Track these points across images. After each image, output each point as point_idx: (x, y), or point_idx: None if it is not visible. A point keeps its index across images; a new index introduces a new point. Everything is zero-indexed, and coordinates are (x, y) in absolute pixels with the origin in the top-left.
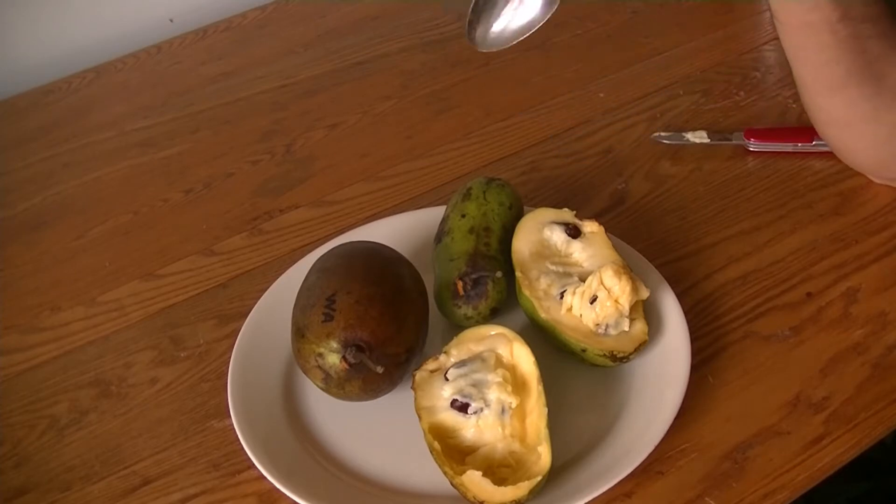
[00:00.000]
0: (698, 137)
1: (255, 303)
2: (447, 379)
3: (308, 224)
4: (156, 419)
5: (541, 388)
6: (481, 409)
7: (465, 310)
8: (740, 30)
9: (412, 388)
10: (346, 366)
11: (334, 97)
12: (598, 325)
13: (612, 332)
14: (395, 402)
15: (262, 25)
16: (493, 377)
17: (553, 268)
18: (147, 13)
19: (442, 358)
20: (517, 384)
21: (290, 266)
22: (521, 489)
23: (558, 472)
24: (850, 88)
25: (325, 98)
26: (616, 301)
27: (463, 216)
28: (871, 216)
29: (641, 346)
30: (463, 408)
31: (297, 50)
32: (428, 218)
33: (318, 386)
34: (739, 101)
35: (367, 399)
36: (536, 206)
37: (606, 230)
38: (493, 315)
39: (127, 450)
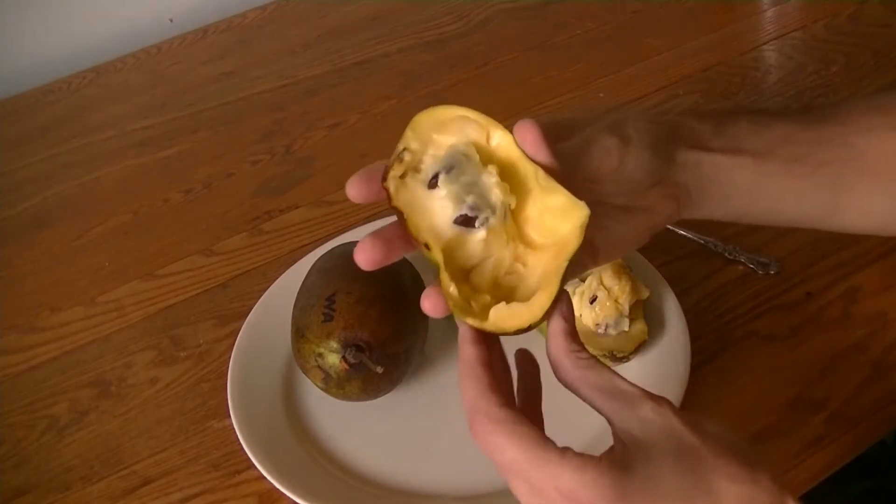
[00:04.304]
0: None
1: (255, 303)
2: (434, 187)
3: (308, 224)
4: (156, 419)
5: (551, 182)
6: (487, 219)
7: None
8: (740, 30)
9: (392, 205)
10: (345, 366)
11: (334, 97)
12: (598, 325)
13: (612, 332)
14: (395, 402)
15: (262, 25)
16: (488, 177)
17: None
18: (147, 13)
19: (407, 157)
20: (508, 179)
21: (290, 266)
22: (550, 282)
23: None
24: None
25: (325, 98)
26: (616, 301)
27: None
28: None
29: (641, 346)
30: (469, 222)
31: (297, 50)
32: None
33: (318, 386)
34: (739, 101)
35: (367, 399)
36: None
37: None
38: None
39: (127, 450)
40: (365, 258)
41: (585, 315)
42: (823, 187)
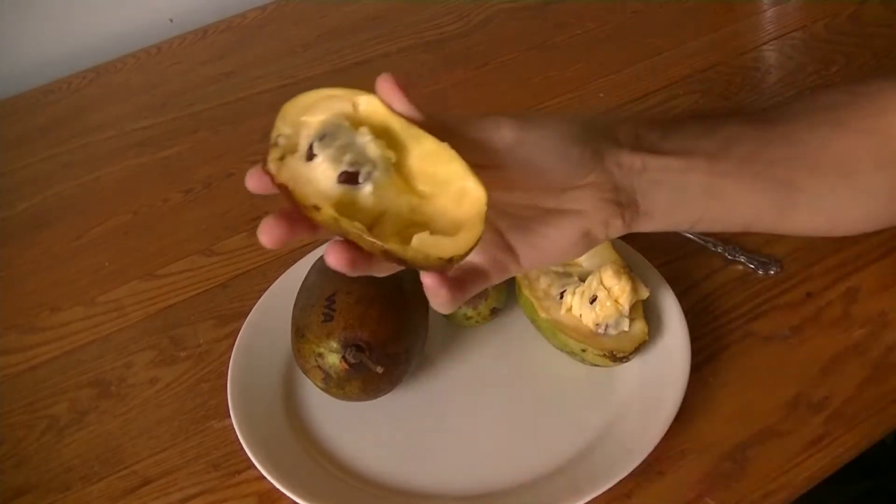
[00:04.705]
0: None
1: (255, 303)
2: (314, 156)
3: None
4: (156, 419)
5: (416, 130)
6: (371, 173)
7: (465, 310)
8: (740, 30)
9: (276, 184)
10: (345, 366)
11: None
12: (598, 325)
13: (612, 332)
14: (395, 402)
15: (262, 25)
16: (361, 136)
17: (553, 267)
18: (147, 13)
19: (282, 141)
20: (384, 138)
21: (290, 266)
22: (475, 224)
23: (558, 471)
24: None
25: None
26: (616, 301)
27: None
28: None
29: (641, 346)
30: (353, 178)
31: (297, 50)
32: None
33: (318, 386)
34: (739, 101)
35: (366, 399)
36: None
37: None
38: (494, 315)
39: (127, 450)
40: (268, 237)
41: (585, 315)
42: (775, 186)
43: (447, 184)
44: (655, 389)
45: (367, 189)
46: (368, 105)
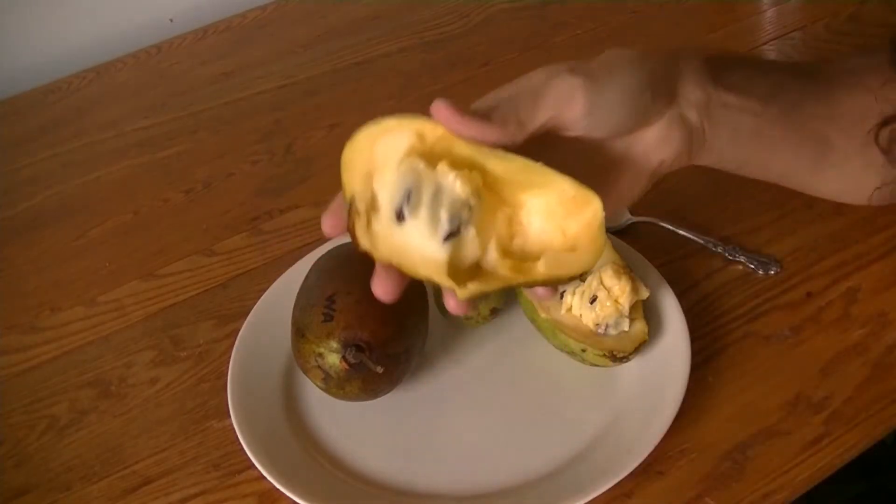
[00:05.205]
0: None
1: (255, 303)
2: (402, 219)
3: (308, 224)
4: (156, 419)
5: (486, 149)
6: (469, 215)
7: None
8: (740, 30)
9: (378, 260)
10: (345, 366)
11: (334, 97)
12: (598, 325)
13: (612, 332)
14: (395, 402)
15: (262, 25)
16: (442, 176)
17: None
18: (147, 13)
19: (360, 206)
20: (460, 163)
21: (290, 266)
22: (597, 236)
23: (558, 471)
24: None
25: (324, 98)
26: (616, 301)
27: None
28: (871, 216)
29: (641, 346)
30: (455, 233)
31: (297, 50)
32: None
33: (318, 386)
34: None
35: (367, 399)
36: None
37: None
38: (494, 315)
39: (127, 450)
40: (383, 291)
41: (585, 315)
42: (812, 139)
43: (541, 187)
44: (655, 389)
45: (470, 234)
46: (434, 132)
